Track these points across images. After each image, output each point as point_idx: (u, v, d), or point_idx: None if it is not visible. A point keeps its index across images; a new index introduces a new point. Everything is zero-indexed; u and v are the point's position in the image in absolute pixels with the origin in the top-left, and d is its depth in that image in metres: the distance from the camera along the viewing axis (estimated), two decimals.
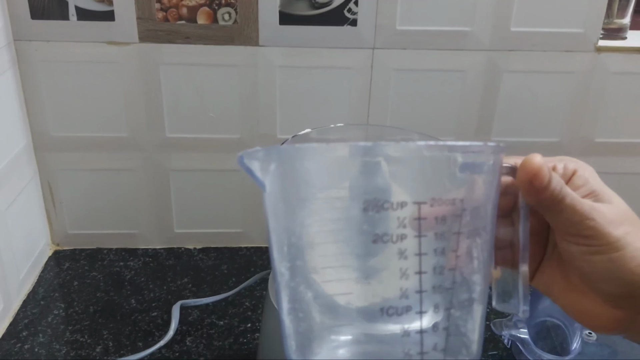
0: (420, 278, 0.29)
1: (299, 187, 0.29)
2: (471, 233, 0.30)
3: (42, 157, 0.86)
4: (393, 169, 0.28)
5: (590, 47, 0.84)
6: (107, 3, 0.77)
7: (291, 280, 0.29)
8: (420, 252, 0.29)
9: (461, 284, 0.30)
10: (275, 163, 0.28)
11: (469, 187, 0.30)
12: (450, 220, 0.29)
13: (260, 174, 0.28)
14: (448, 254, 0.30)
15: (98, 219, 0.91)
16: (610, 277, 0.32)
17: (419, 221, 0.29)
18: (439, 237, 0.29)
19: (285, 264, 0.29)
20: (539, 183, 0.31)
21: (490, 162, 0.30)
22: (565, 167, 0.35)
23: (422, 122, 0.86)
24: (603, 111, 0.88)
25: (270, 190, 0.28)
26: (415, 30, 0.81)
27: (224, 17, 0.79)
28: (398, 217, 0.28)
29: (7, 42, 0.77)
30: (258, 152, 0.27)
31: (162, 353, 0.73)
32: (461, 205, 0.29)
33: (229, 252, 0.93)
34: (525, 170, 0.32)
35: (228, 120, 0.85)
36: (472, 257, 0.30)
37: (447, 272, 0.30)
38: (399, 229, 0.28)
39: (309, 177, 0.29)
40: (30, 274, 0.85)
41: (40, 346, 0.74)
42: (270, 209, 0.29)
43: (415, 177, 0.29)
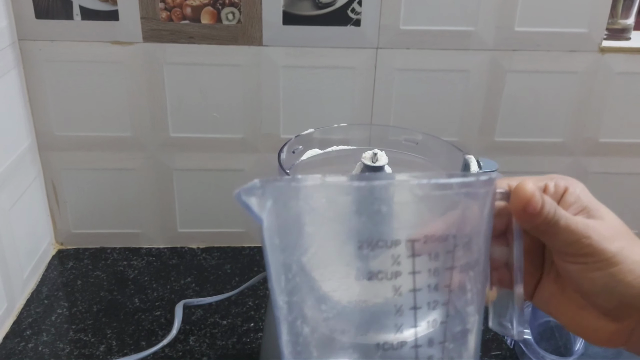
0: (415, 313, 0.30)
1: (294, 224, 0.29)
2: (464, 267, 0.31)
3: (46, 157, 0.86)
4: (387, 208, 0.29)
5: (594, 48, 0.83)
6: (111, 3, 0.77)
7: (289, 314, 0.30)
8: (415, 289, 0.30)
9: (455, 316, 0.31)
10: (271, 200, 0.28)
11: (461, 222, 0.30)
12: (443, 256, 0.30)
13: (257, 210, 0.28)
14: (441, 289, 0.30)
15: (102, 218, 0.91)
16: (609, 292, 0.33)
17: (413, 258, 0.29)
18: (433, 273, 0.30)
19: (283, 297, 0.30)
20: (532, 209, 0.32)
21: (482, 195, 0.31)
22: (556, 186, 0.35)
23: (426, 122, 0.86)
24: (607, 111, 0.88)
25: (267, 226, 0.29)
26: (418, 30, 0.81)
27: (227, 16, 0.79)
28: (392, 254, 0.29)
29: (11, 42, 0.77)
30: (255, 188, 0.28)
31: (165, 352, 0.73)
32: (453, 241, 0.30)
33: (232, 251, 0.93)
34: (517, 197, 0.32)
35: (231, 120, 0.85)
36: (466, 289, 0.31)
37: (441, 306, 0.30)
38: (393, 266, 0.29)
39: (304, 214, 0.29)
40: (34, 273, 0.86)
41: (44, 345, 0.74)
42: (268, 243, 0.29)
43: (408, 214, 0.30)
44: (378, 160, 0.52)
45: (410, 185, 0.29)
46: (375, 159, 0.52)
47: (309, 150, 0.63)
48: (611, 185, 0.92)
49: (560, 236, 0.33)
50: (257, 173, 0.89)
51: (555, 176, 0.36)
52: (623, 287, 0.32)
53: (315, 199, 0.29)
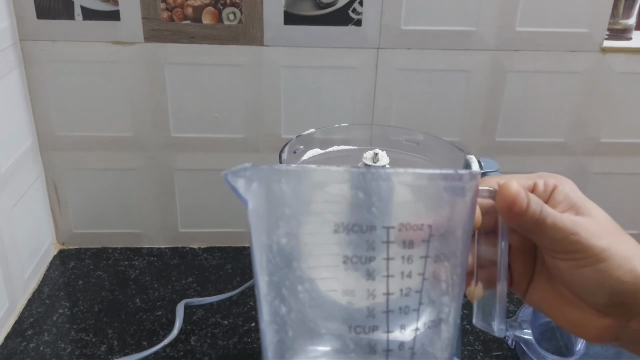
0: (387, 299, 0.30)
1: (276, 207, 0.30)
2: (439, 257, 0.31)
3: (47, 157, 0.86)
4: (364, 194, 0.30)
5: (595, 48, 0.83)
6: (113, 3, 0.77)
7: (268, 293, 0.31)
8: (388, 275, 0.30)
9: (427, 305, 0.31)
10: (256, 182, 0.29)
11: (438, 213, 0.31)
12: (418, 245, 0.30)
13: (243, 191, 0.29)
14: (415, 277, 0.31)
15: (103, 219, 0.91)
16: (600, 288, 0.33)
17: (387, 245, 0.30)
18: (406, 260, 0.30)
19: (264, 277, 0.31)
20: (517, 208, 0.32)
21: (463, 189, 0.31)
22: (545, 184, 0.35)
23: (427, 122, 0.86)
24: (608, 111, 0.88)
25: (252, 208, 0.30)
26: (420, 30, 0.81)
27: (228, 17, 0.79)
28: (367, 240, 0.30)
29: (13, 42, 0.77)
30: (242, 170, 0.29)
31: (167, 352, 0.73)
32: (429, 231, 0.30)
33: (233, 251, 0.93)
34: (502, 197, 0.33)
35: (233, 120, 0.85)
36: (440, 279, 0.32)
37: (413, 293, 0.31)
38: (367, 251, 0.30)
39: (285, 198, 0.30)
40: (36, 273, 0.86)
41: (45, 345, 0.74)
42: (252, 225, 0.30)
43: (385, 202, 0.30)
44: (379, 160, 0.52)
45: (388, 173, 0.30)
46: (376, 159, 0.52)
47: (310, 150, 0.63)
48: (612, 185, 0.92)
49: (548, 234, 0.33)
50: None
51: (544, 174, 0.36)
52: (612, 282, 0.33)
53: (295, 183, 0.30)
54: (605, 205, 0.36)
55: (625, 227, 0.36)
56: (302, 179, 0.30)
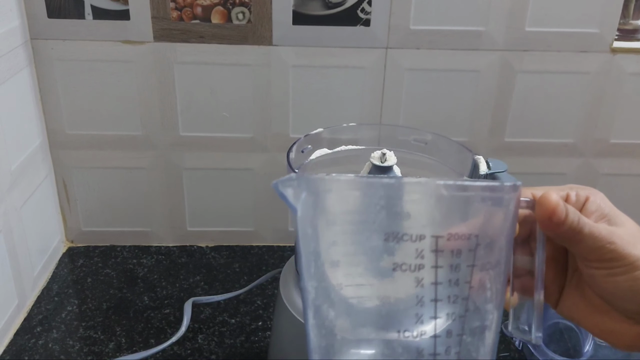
0: (436, 305, 0.32)
1: (326, 215, 0.31)
2: (485, 266, 0.32)
3: (57, 155, 0.87)
4: (413, 205, 0.31)
5: (605, 48, 0.83)
6: (123, 2, 0.78)
7: (316, 298, 0.32)
8: (436, 282, 0.32)
9: (474, 312, 0.33)
10: (305, 192, 0.30)
11: (484, 223, 0.32)
12: (465, 254, 0.32)
13: (292, 200, 0.30)
14: (462, 285, 0.32)
15: (112, 217, 0.92)
16: (634, 295, 0.34)
17: (436, 253, 0.31)
18: (454, 268, 0.32)
19: (312, 283, 0.32)
20: (557, 219, 0.33)
21: (506, 200, 0.33)
22: (577, 195, 0.37)
23: (435, 122, 0.86)
24: (618, 112, 0.87)
25: (301, 215, 0.31)
26: (428, 30, 0.81)
27: (237, 16, 0.79)
28: (416, 248, 0.31)
29: (23, 41, 0.78)
30: (291, 180, 0.30)
31: (174, 350, 0.73)
32: (476, 241, 0.32)
33: (240, 250, 0.94)
34: (543, 208, 0.34)
35: (241, 119, 0.86)
36: (486, 287, 0.33)
37: (460, 300, 0.32)
38: (417, 259, 0.31)
39: (334, 207, 0.31)
40: (45, 271, 0.86)
41: (54, 342, 0.74)
42: (300, 232, 0.31)
43: (433, 212, 0.32)
44: (387, 160, 0.52)
45: (437, 185, 0.31)
46: (384, 159, 0.52)
47: (318, 150, 0.63)
48: (622, 186, 0.92)
49: (585, 243, 0.34)
50: (267, 172, 0.89)
51: (575, 186, 0.37)
52: None
53: (346, 194, 0.31)
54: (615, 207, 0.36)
55: None
56: (352, 189, 0.31)
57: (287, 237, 0.95)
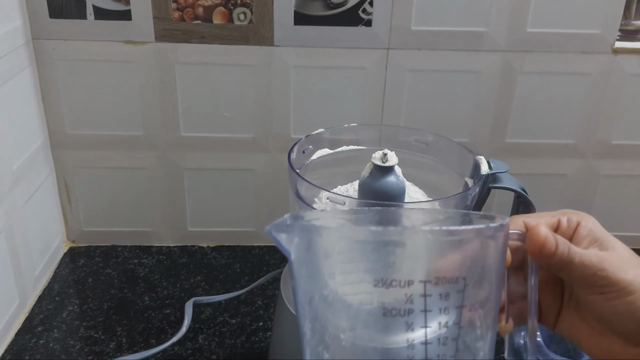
0: (426, 348, 0.33)
1: (318, 259, 0.32)
2: (474, 306, 0.33)
3: (58, 155, 0.87)
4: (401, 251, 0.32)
5: (606, 49, 0.83)
6: (124, 2, 0.78)
7: (311, 339, 0.33)
8: (426, 325, 0.32)
9: (464, 351, 0.33)
10: (298, 237, 0.31)
11: (472, 263, 0.33)
12: (454, 296, 0.32)
13: (285, 244, 0.31)
14: (451, 326, 0.33)
15: (113, 217, 0.92)
16: (629, 318, 0.35)
17: (425, 298, 0.32)
18: (443, 311, 0.32)
19: (307, 324, 0.33)
20: (547, 251, 0.34)
21: (495, 238, 0.33)
22: (569, 220, 0.37)
23: (437, 123, 0.86)
24: (619, 113, 0.87)
25: (294, 258, 0.31)
26: (430, 30, 0.81)
27: (239, 17, 0.79)
28: (405, 293, 0.32)
29: (25, 41, 0.78)
30: (284, 225, 0.31)
31: (175, 350, 0.73)
32: (464, 282, 0.32)
33: (241, 250, 0.94)
34: (532, 241, 0.35)
35: (242, 119, 0.86)
36: (475, 326, 0.33)
37: (450, 342, 0.33)
38: (406, 304, 0.32)
39: (326, 252, 0.32)
40: (46, 270, 0.86)
41: (54, 341, 0.74)
42: (295, 274, 0.32)
43: (421, 258, 0.33)
44: (388, 160, 0.52)
45: (423, 232, 0.32)
46: (385, 159, 0.52)
47: (319, 150, 0.63)
48: (623, 188, 0.92)
49: (577, 271, 0.35)
50: (268, 173, 0.89)
51: (567, 211, 0.38)
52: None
53: (335, 239, 0.32)
54: (615, 208, 0.36)
55: (635, 231, 0.36)
56: (343, 236, 0.32)
57: None
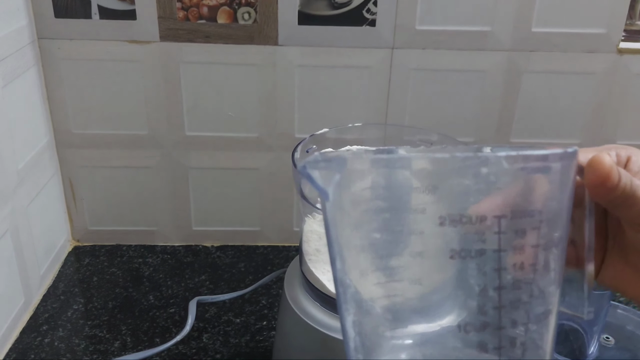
0: (499, 294, 0.28)
1: (366, 199, 0.27)
2: (548, 244, 0.29)
3: (63, 154, 0.87)
4: (473, 182, 0.27)
5: (612, 49, 0.83)
6: (129, 2, 0.78)
7: (357, 293, 0.28)
8: (500, 267, 0.28)
9: (538, 296, 0.29)
10: (339, 173, 0.26)
11: (546, 197, 0.29)
12: (529, 233, 0.28)
13: (322, 183, 0.26)
14: (527, 268, 0.29)
15: (118, 216, 0.92)
16: None
17: (499, 235, 0.28)
18: (519, 250, 0.28)
19: (351, 275, 0.28)
20: (610, 184, 0.30)
21: (567, 167, 0.29)
22: (618, 155, 0.34)
23: (441, 122, 0.86)
24: (625, 113, 0.87)
25: (333, 200, 0.26)
26: (434, 30, 0.81)
27: (243, 16, 0.80)
28: (477, 231, 0.27)
29: (30, 40, 0.78)
30: (320, 161, 0.26)
31: (179, 349, 0.73)
32: (539, 217, 0.28)
33: (246, 250, 0.94)
34: (595, 173, 0.31)
35: (246, 119, 0.86)
36: (550, 268, 0.29)
37: (524, 286, 0.29)
38: (477, 243, 0.28)
39: (378, 188, 0.27)
40: (51, 269, 0.87)
41: (59, 340, 0.75)
42: (332, 219, 0.27)
43: (495, 189, 0.28)
44: None
45: (498, 157, 0.27)
46: None
47: (323, 150, 0.63)
48: None
49: (638, 206, 0.31)
50: (272, 172, 0.90)
51: (614, 146, 0.35)
52: None
53: (389, 173, 0.27)
54: None
55: None
56: (398, 166, 0.27)
57: (293, 237, 0.95)
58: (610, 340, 0.67)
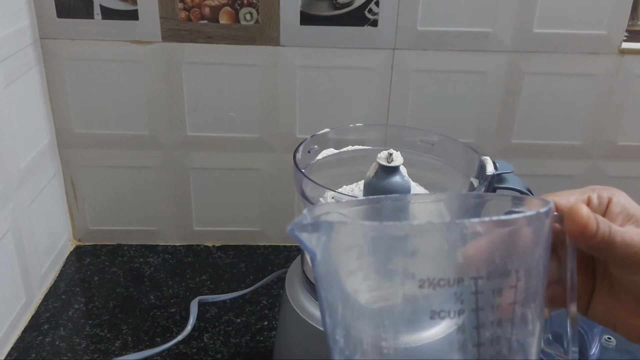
0: (479, 350, 0.30)
1: (351, 261, 0.29)
2: (526, 299, 0.30)
3: (65, 154, 0.87)
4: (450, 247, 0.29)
5: (613, 50, 0.83)
6: (131, 2, 0.78)
7: (346, 347, 0.30)
8: (478, 326, 0.29)
9: (517, 349, 0.31)
10: (325, 236, 0.28)
11: (521, 256, 0.30)
12: (506, 291, 0.30)
13: (310, 244, 0.28)
14: (504, 324, 0.30)
15: (119, 216, 0.92)
16: None
17: (476, 296, 0.29)
18: (496, 308, 0.30)
19: (340, 331, 0.30)
20: (589, 233, 0.32)
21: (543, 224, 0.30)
22: (599, 197, 0.35)
23: (442, 123, 0.86)
24: (626, 114, 0.87)
25: (321, 259, 0.28)
26: (436, 31, 0.81)
27: (245, 17, 0.80)
28: (455, 292, 0.29)
29: (33, 40, 0.78)
30: (307, 224, 0.28)
31: (180, 349, 0.74)
32: (516, 276, 0.30)
33: (247, 250, 0.94)
34: (573, 222, 0.32)
35: (248, 119, 0.86)
36: (527, 321, 0.31)
37: (503, 341, 0.30)
38: (456, 304, 0.29)
39: (362, 252, 0.29)
40: (52, 269, 0.87)
41: (60, 339, 0.75)
42: (321, 277, 0.29)
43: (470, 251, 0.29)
44: (393, 160, 0.52)
45: (473, 223, 0.29)
46: (390, 159, 0.52)
47: (325, 150, 0.63)
48: (629, 189, 0.90)
49: (618, 251, 0.32)
50: (273, 172, 0.90)
51: (597, 187, 0.36)
52: None
53: (372, 238, 0.29)
54: None
55: None
56: (381, 234, 0.29)
57: None
58: (611, 341, 0.67)
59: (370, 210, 0.33)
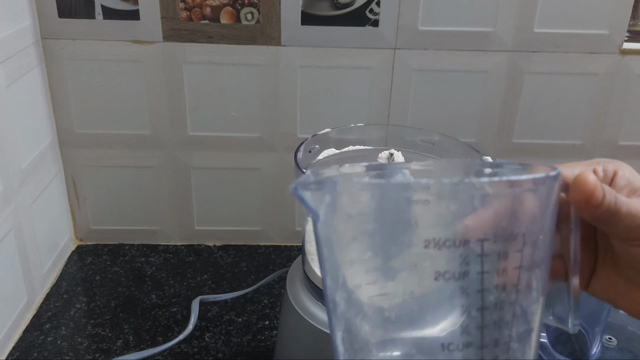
0: (482, 314, 0.29)
1: (355, 221, 0.28)
2: (531, 265, 0.30)
3: (67, 154, 0.88)
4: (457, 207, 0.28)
5: (614, 49, 0.83)
6: (133, 2, 0.78)
7: (347, 311, 0.29)
8: (483, 289, 0.29)
9: (520, 316, 0.30)
10: (329, 195, 0.27)
11: (528, 220, 0.29)
12: (512, 255, 0.29)
13: (313, 204, 0.27)
14: (509, 289, 0.30)
15: (120, 215, 0.93)
16: None
17: (482, 258, 0.28)
18: (502, 272, 0.29)
19: (341, 294, 0.29)
20: (595, 202, 0.31)
21: (550, 190, 0.30)
22: (605, 170, 0.34)
23: (443, 122, 0.86)
24: (627, 114, 0.87)
25: (324, 220, 0.28)
26: (437, 30, 0.81)
27: (246, 17, 0.80)
28: (460, 254, 0.28)
29: (34, 40, 0.78)
30: (311, 183, 0.27)
31: (181, 348, 0.74)
32: (523, 240, 0.29)
33: (248, 249, 0.94)
34: (579, 190, 0.31)
35: (249, 119, 0.86)
36: (532, 288, 0.30)
37: (507, 306, 0.30)
38: (461, 266, 0.28)
39: (366, 212, 0.28)
40: (54, 268, 0.87)
41: (62, 339, 0.75)
42: (323, 239, 0.28)
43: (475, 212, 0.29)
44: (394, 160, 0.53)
45: (481, 183, 0.28)
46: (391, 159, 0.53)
47: (326, 150, 0.63)
48: None
49: (624, 222, 0.32)
50: (274, 172, 0.90)
51: (602, 160, 0.35)
52: None
53: (378, 197, 0.28)
54: None
55: None
56: (386, 192, 0.28)
57: (294, 236, 0.95)
58: (612, 341, 0.67)
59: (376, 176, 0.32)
